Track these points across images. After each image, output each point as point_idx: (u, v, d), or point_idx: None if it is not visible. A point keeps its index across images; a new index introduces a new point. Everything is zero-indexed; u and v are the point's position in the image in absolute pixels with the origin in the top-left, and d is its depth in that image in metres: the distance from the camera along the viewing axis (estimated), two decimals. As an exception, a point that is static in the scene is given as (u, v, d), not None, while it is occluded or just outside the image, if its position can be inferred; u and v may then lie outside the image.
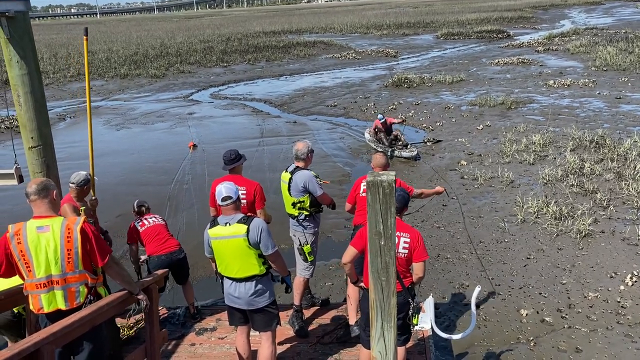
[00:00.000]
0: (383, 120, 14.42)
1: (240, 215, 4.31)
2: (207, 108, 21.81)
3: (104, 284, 4.06)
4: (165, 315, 6.06)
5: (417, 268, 4.41)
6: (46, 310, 3.64)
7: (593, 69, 24.79)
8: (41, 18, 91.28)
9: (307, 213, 5.49)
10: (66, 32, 68.56)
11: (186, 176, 13.01)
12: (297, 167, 5.48)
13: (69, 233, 3.65)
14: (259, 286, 4.40)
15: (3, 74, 28.67)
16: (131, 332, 5.64)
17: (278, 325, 4.62)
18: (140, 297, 3.95)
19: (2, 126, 18.59)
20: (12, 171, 5.44)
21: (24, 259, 3.59)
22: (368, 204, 2.82)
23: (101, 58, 36.55)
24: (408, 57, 34.52)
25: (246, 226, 4.23)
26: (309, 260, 5.58)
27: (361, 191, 5.48)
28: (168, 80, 29.32)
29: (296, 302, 5.72)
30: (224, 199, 4.29)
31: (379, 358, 3.06)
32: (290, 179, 5.44)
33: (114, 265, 3.81)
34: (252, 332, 4.71)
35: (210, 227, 4.38)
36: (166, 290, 6.35)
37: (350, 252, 4.32)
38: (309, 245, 5.53)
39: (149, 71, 31.20)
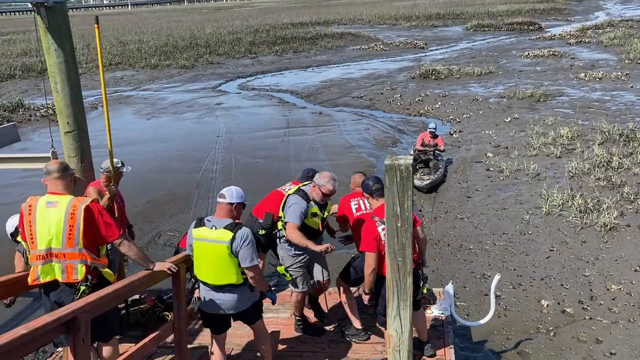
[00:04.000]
0: (434, 129, 11.94)
1: (228, 221, 4.09)
2: (234, 99, 22.08)
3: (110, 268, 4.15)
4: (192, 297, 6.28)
5: (420, 231, 4.62)
6: (42, 280, 3.79)
7: (627, 61, 24.24)
8: (75, 9, 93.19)
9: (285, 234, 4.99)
10: (99, 22, 69.80)
11: (214, 165, 13.27)
12: (303, 190, 5.04)
13: (73, 210, 3.76)
14: (241, 294, 4.23)
15: (39, 65, 29.33)
16: (145, 315, 5.84)
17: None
18: (156, 269, 4.06)
19: (38, 114, 19.19)
20: (49, 155, 5.72)
21: (31, 230, 3.78)
22: (386, 186, 2.93)
23: (132, 49, 37.16)
24: (436, 49, 34.22)
25: (232, 233, 4.00)
26: (288, 279, 5.12)
27: (354, 211, 5.16)
28: (197, 71, 29.69)
29: (296, 312, 5.40)
30: (220, 196, 4.17)
31: (394, 336, 3.18)
32: (290, 195, 5.03)
33: (125, 241, 3.89)
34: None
35: (195, 227, 4.17)
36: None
37: (371, 257, 4.40)
38: (282, 267, 5.04)
39: (178, 62, 31.63)
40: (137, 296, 6.02)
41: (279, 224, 5.08)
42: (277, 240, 5.17)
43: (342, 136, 15.19)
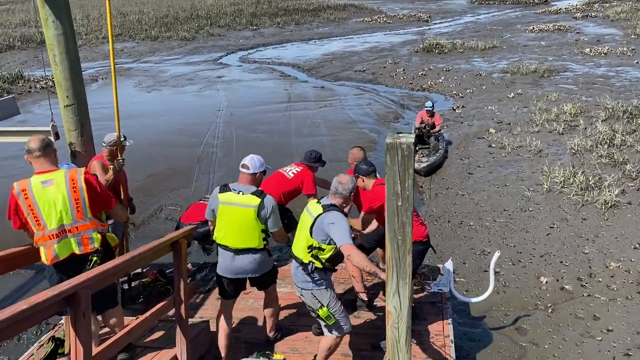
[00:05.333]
0: (431, 107, 11.54)
1: (254, 188, 4.24)
2: (235, 72, 21.90)
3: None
4: (194, 270, 6.33)
5: None
6: (60, 258, 3.81)
7: (633, 36, 23.96)
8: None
9: (319, 265, 4.15)
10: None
11: (215, 139, 13.22)
12: (333, 204, 4.17)
13: (73, 183, 3.79)
14: (260, 257, 4.36)
15: (38, 36, 29.14)
16: (146, 289, 5.88)
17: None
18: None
19: (38, 86, 19.06)
20: (49, 128, 5.68)
21: (33, 214, 3.74)
22: (386, 164, 2.91)
23: (132, 20, 36.75)
24: (440, 22, 33.81)
25: (259, 199, 4.17)
26: (330, 323, 4.23)
27: None
28: (198, 43, 29.40)
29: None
30: (243, 166, 4.28)
31: (393, 312, 3.20)
32: (321, 214, 4.08)
33: (119, 210, 4.27)
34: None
35: (220, 192, 4.28)
36: (195, 247, 6.56)
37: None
38: (325, 308, 4.18)
39: (179, 34, 31.30)
40: (139, 270, 6.06)
41: (306, 256, 4.13)
42: (307, 275, 4.19)
43: (344, 111, 15.09)
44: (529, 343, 5.75)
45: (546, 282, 6.75)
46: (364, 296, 5.32)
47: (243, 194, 4.21)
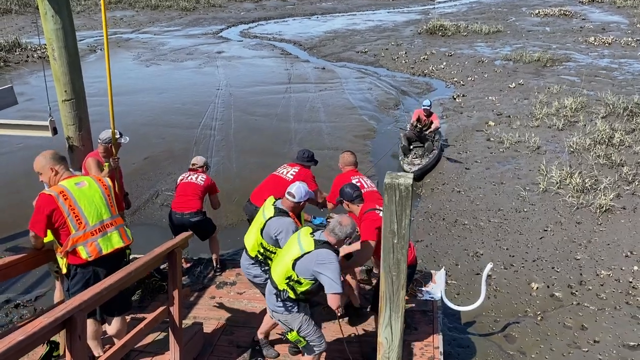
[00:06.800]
0: (429, 107, 11.03)
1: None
2: (236, 47, 21.65)
3: None
4: (188, 266, 6.37)
5: None
6: (104, 252, 4.01)
7: (639, 25, 23.70)
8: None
9: (292, 296, 4.04)
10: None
11: (213, 121, 13.14)
12: (327, 242, 3.99)
13: (102, 183, 4.16)
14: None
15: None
16: (141, 285, 5.91)
17: None
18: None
19: (35, 55, 18.82)
20: (47, 123, 5.64)
21: (74, 213, 3.91)
22: (384, 204, 2.92)
23: (132, -14, 36.09)
24: (445, 1, 33.33)
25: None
26: (301, 346, 4.26)
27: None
28: (198, 14, 28.96)
29: None
30: (289, 194, 4.51)
31: (385, 344, 3.25)
32: (311, 252, 3.92)
33: None
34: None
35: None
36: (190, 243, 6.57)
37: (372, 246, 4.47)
38: (295, 332, 4.15)
39: (179, 3, 30.79)
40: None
41: (282, 284, 4.03)
42: (281, 302, 4.09)
43: (344, 95, 14.99)
44: (516, 351, 5.85)
45: (537, 288, 6.83)
46: (356, 304, 5.37)
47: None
